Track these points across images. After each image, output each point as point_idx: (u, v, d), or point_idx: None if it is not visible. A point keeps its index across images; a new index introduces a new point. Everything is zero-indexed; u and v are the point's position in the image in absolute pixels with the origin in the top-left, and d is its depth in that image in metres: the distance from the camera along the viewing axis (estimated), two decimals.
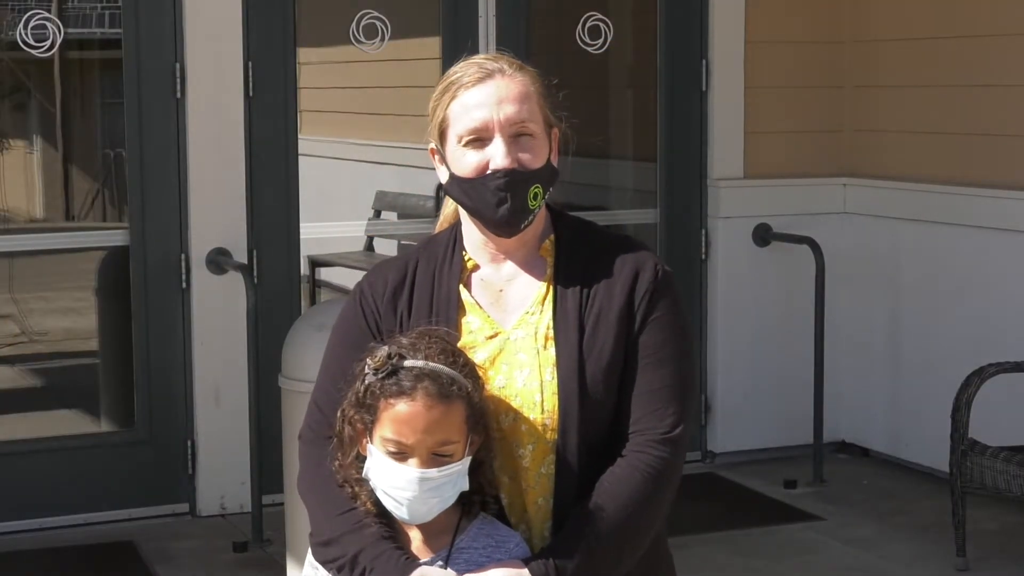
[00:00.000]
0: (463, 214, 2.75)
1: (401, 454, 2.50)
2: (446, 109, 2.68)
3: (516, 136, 2.65)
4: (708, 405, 7.04)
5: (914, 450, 6.79)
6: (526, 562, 2.54)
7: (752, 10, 6.94)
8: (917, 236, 6.73)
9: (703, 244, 7.01)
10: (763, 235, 6.97)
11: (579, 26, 6.80)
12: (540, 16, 6.99)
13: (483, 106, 2.64)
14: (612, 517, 2.56)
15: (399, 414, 2.50)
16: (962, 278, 6.52)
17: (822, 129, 7.10)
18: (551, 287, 2.70)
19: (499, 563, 2.54)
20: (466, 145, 2.66)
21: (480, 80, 2.66)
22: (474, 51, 2.97)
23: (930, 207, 6.65)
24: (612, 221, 7.17)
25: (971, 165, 6.53)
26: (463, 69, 2.69)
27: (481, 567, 2.54)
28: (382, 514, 2.59)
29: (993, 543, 5.83)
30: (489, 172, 2.64)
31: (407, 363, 2.51)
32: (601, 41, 6.84)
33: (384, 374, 2.51)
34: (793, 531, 6.09)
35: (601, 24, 6.82)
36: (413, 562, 2.54)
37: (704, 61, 6.95)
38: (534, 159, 2.66)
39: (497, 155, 2.64)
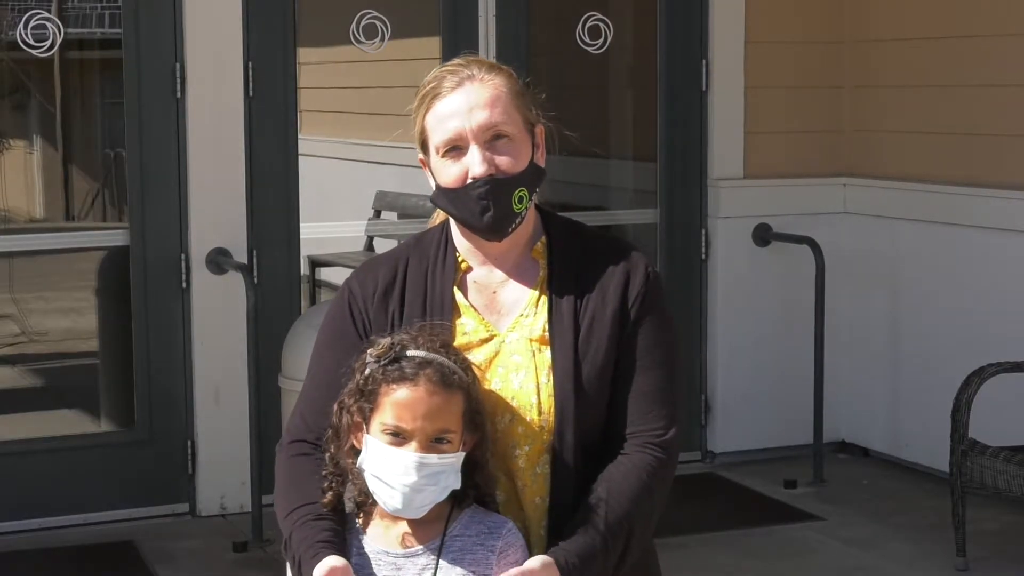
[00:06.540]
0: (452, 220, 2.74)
1: (400, 438, 2.52)
2: (423, 121, 2.68)
3: (492, 141, 2.64)
4: (708, 405, 7.03)
5: (914, 450, 6.78)
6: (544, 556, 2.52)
7: (752, 10, 6.94)
8: (917, 236, 6.73)
9: (703, 244, 7.01)
10: (763, 235, 6.96)
11: (579, 26, 6.80)
12: (540, 16, 6.99)
13: (455, 116, 2.63)
14: (622, 510, 2.57)
15: (400, 399, 2.51)
16: (962, 278, 6.52)
17: (822, 129, 7.10)
18: (545, 290, 2.70)
19: (530, 559, 2.52)
20: (445, 156, 2.65)
21: (451, 89, 2.65)
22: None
23: (930, 207, 6.65)
24: (612, 221, 7.18)
25: (971, 165, 6.53)
26: (435, 79, 2.68)
27: (472, 554, 2.53)
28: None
29: (993, 543, 5.83)
30: (469, 181, 2.63)
31: (410, 352, 2.54)
32: (601, 41, 6.84)
33: (387, 361, 2.53)
34: (793, 531, 6.09)
35: (601, 24, 6.82)
36: (324, 553, 2.52)
37: (704, 61, 6.95)
38: (514, 162, 2.65)
39: (474, 163, 2.63)
